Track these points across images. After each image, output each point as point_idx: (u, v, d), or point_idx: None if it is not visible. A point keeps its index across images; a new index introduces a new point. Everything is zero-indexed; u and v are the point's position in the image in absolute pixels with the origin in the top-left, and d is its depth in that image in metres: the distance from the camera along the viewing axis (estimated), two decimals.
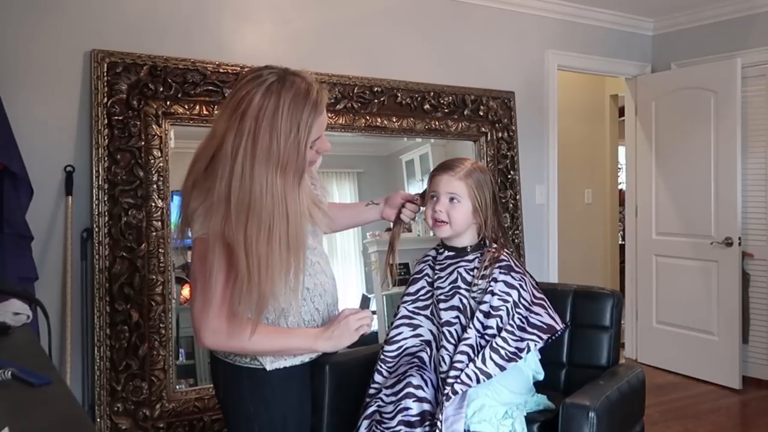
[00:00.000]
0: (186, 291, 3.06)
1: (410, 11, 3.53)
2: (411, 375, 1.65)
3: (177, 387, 2.78)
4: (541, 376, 1.86)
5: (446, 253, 1.80)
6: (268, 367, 1.53)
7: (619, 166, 5.79)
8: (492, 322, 1.65)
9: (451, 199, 1.73)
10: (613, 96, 5.42)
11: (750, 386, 3.94)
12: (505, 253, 1.76)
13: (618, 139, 5.52)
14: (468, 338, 1.64)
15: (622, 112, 5.24)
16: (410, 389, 1.63)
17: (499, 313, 1.66)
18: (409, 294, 1.82)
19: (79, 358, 2.62)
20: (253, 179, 1.32)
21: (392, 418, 1.60)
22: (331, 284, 1.64)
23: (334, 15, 3.29)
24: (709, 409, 3.66)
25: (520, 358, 1.65)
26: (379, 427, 1.62)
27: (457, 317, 1.70)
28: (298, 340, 1.53)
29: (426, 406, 1.62)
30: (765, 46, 3.92)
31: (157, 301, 2.70)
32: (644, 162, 4.50)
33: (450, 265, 1.78)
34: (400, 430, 1.59)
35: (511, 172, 3.78)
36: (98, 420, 2.57)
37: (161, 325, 2.70)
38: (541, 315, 1.73)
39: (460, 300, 1.71)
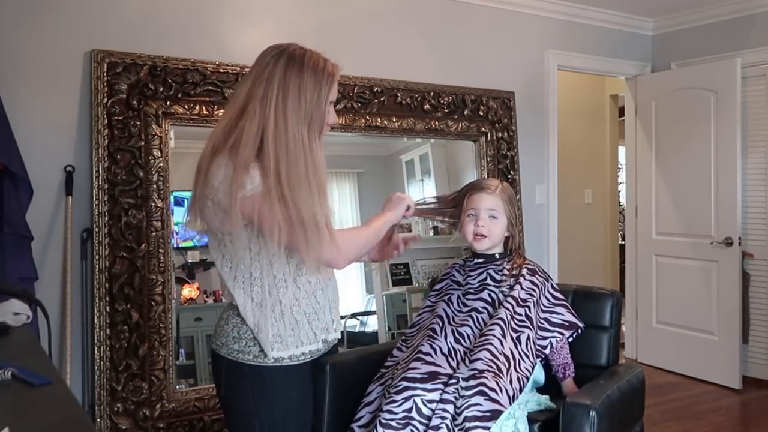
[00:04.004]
0: (186, 291, 3.06)
1: (410, 11, 3.53)
2: (421, 345, 1.78)
3: (177, 387, 2.78)
4: (541, 380, 1.93)
5: (476, 260, 1.99)
6: (272, 355, 1.52)
7: (619, 166, 5.79)
8: (521, 310, 1.85)
9: (492, 216, 1.93)
10: (613, 96, 5.42)
11: (750, 386, 3.94)
12: (529, 260, 1.99)
13: (618, 139, 5.52)
14: (499, 315, 1.81)
15: (622, 112, 5.23)
16: (419, 355, 1.76)
17: (528, 304, 1.87)
18: (434, 290, 2.04)
19: (79, 358, 2.62)
20: (287, 129, 1.46)
21: (398, 378, 1.70)
22: (333, 281, 1.67)
23: (334, 15, 3.29)
24: (709, 409, 3.66)
25: (545, 354, 1.88)
26: (388, 388, 1.72)
27: (485, 307, 1.88)
28: (375, 224, 1.68)
29: (435, 368, 1.71)
30: (765, 46, 3.92)
31: (157, 301, 2.70)
32: (644, 162, 4.50)
33: (479, 267, 1.97)
34: (401, 384, 1.67)
35: (511, 172, 3.78)
36: (98, 420, 2.57)
37: (161, 325, 2.70)
38: (563, 314, 1.94)
39: (489, 294, 1.90)
